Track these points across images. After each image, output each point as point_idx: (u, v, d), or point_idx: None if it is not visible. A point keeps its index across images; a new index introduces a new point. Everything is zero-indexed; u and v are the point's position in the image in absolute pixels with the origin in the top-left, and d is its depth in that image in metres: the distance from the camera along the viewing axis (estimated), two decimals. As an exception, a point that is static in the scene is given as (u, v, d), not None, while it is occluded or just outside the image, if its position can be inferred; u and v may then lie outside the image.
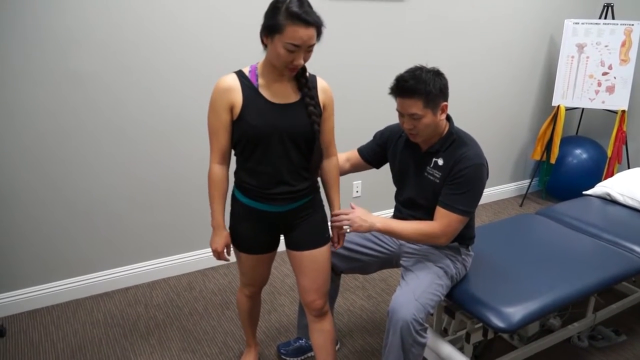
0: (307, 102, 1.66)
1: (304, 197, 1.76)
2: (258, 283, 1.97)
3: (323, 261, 1.82)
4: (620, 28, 3.70)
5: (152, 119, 2.62)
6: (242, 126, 1.63)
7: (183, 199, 2.85)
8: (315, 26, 1.51)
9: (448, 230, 1.79)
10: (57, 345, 2.33)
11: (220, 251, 1.78)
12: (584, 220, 2.56)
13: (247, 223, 1.79)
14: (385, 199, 3.54)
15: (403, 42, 3.27)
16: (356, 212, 1.78)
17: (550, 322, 2.35)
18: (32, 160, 2.39)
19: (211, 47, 2.66)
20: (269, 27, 1.52)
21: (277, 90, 1.65)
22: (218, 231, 1.78)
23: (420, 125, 1.75)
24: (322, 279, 1.83)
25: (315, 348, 1.92)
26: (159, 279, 2.91)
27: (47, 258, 2.57)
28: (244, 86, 1.63)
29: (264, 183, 1.69)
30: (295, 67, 1.57)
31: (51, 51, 2.29)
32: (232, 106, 1.62)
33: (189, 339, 2.39)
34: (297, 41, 1.49)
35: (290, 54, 1.52)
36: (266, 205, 1.73)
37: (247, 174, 1.70)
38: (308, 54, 1.56)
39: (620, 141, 3.82)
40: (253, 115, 1.61)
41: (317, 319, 1.88)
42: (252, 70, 1.66)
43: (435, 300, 1.79)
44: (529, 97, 4.14)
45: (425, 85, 1.70)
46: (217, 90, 1.63)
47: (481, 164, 1.79)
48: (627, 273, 2.13)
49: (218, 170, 1.72)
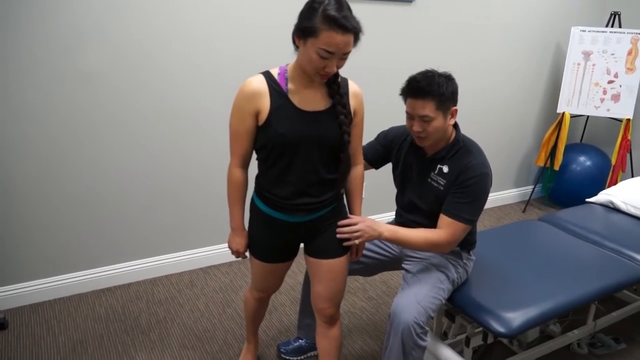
0: (339, 111, 1.57)
1: (327, 207, 1.71)
2: (269, 290, 1.95)
3: (340, 271, 1.78)
4: (627, 37, 3.70)
5: (158, 118, 2.63)
6: (269, 133, 1.54)
7: (186, 197, 2.86)
8: (353, 32, 1.41)
9: (453, 239, 1.79)
10: (59, 339, 2.34)
11: (242, 251, 1.77)
12: (586, 228, 2.56)
13: (266, 231, 1.74)
14: (386, 202, 3.55)
15: (409, 48, 3.27)
16: (365, 222, 1.73)
17: (550, 328, 2.35)
18: (38, 156, 2.41)
19: (221, 48, 2.67)
20: (303, 30, 1.42)
21: (308, 97, 1.56)
22: (238, 232, 1.75)
23: (430, 128, 1.74)
24: (338, 288, 1.79)
25: (320, 352, 1.92)
26: (161, 275, 2.92)
27: (50, 252, 2.58)
28: (272, 90, 1.53)
29: (287, 193, 1.62)
30: (327, 75, 1.48)
31: (59, 50, 2.30)
32: (259, 112, 1.53)
33: (189, 336, 2.40)
34: (331, 48, 1.40)
35: (323, 61, 1.42)
36: (287, 216, 1.67)
37: (269, 182, 1.64)
38: (342, 61, 1.47)
39: (625, 149, 3.82)
40: (281, 123, 1.53)
41: (327, 325, 1.86)
42: (281, 72, 1.56)
43: (436, 303, 1.80)
44: (534, 104, 4.14)
45: (438, 87, 1.69)
46: (243, 94, 1.54)
47: (487, 173, 1.79)
48: (628, 281, 2.14)
49: (238, 173, 1.67)
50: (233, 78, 2.76)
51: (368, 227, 1.72)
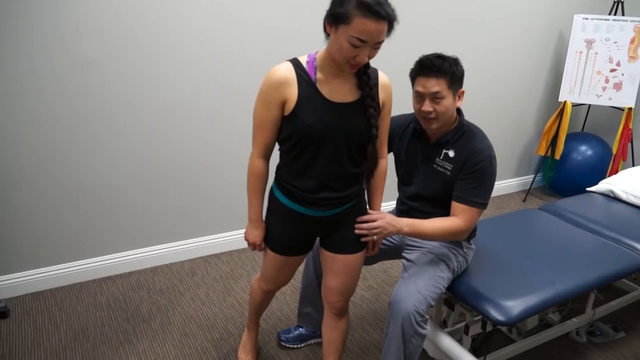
0: (368, 104, 1.52)
1: (350, 202, 1.67)
2: (279, 283, 1.91)
3: (356, 266, 1.76)
4: (630, 25, 3.67)
5: (163, 106, 2.62)
6: (295, 124, 1.49)
7: (188, 186, 2.86)
8: (387, 20, 1.35)
9: (470, 225, 1.80)
10: (60, 327, 2.36)
11: (259, 244, 1.74)
12: (586, 217, 2.56)
13: (284, 224, 1.70)
14: (389, 192, 3.54)
15: (411, 37, 3.25)
16: (385, 218, 1.71)
17: (549, 316, 2.36)
18: (43, 140, 2.40)
19: (233, 31, 2.66)
20: (335, 16, 1.36)
21: (337, 87, 1.50)
22: (256, 224, 1.71)
23: (440, 107, 1.73)
24: (350, 283, 1.78)
25: (325, 341, 1.92)
26: (162, 264, 2.93)
27: (51, 241, 2.59)
28: (301, 79, 1.48)
29: (309, 187, 1.58)
30: (357, 65, 1.42)
31: (64, 35, 2.29)
32: (286, 101, 1.48)
33: (190, 324, 2.42)
34: (364, 36, 1.34)
35: (354, 49, 1.36)
36: (308, 210, 1.63)
37: (291, 174, 1.60)
38: (374, 50, 1.41)
39: (626, 139, 3.81)
40: (308, 114, 1.47)
41: (335, 317, 1.86)
42: (310, 61, 1.51)
43: (436, 292, 1.80)
44: (535, 92, 4.12)
45: (450, 66, 1.71)
46: (270, 82, 1.48)
47: (492, 155, 1.80)
48: (628, 270, 2.14)
49: (259, 164, 1.62)
50: (244, 61, 2.75)
51: (387, 223, 1.70)
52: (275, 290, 1.97)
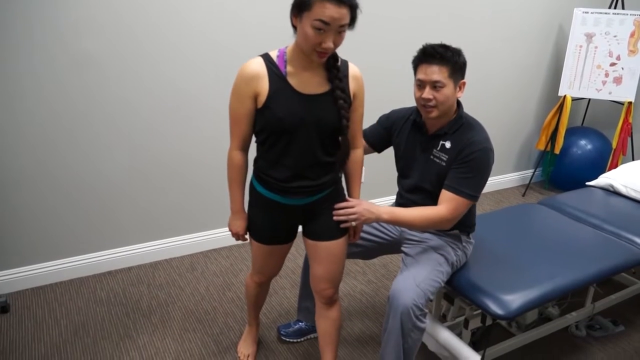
0: (338, 95, 1.56)
1: (325, 190, 1.71)
2: (268, 273, 1.95)
3: (339, 253, 1.79)
4: (630, 18, 3.66)
5: (161, 101, 2.62)
6: (267, 116, 1.54)
7: (187, 181, 2.86)
8: (347, 5, 1.40)
9: (455, 214, 1.79)
10: (61, 322, 2.36)
11: (242, 234, 1.79)
12: (586, 211, 2.56)
13: (265, 214, 1.74)
14: (387, 186, 3.55)
15: (409, 31, 3.24)
16: (362, 204, 1.73)
17: (548, 310, 2.37)
18: (42, 136, 2.40)
19: (233, 30, 2.65)
20: (298, 5, 1.42)
21: (307, 80, 1.54)
22: (238, 214, 1.77)
23: (441, 96, 1.74)
24: (336, 269, 1.81)
25: (319, 333, 1.94)
26: (162, 259, 2.93)
27: (51, 236, 2.59)
28: (271, 73, 1.52)
29: (284, 176, 1.62)
30: (324, 51, 1.44)
31: (64, 34, 2.28)
32: (257, 94, 1.53)
33: (190, 319, 2.42)
34: (326, 18, 1.37)
35: (319, 35, 1.40)
36: (285, 199, 1.68)
37: (267, 165, 1.64)
38: (339, 37, 1.44)
39: (626, 133, 3.81)
40: (279, 106, 1.52)
41: (326, 306, 1.87)
42: (280, 55, 1.55)
43: (435, 286, 1.81)
44: (535, 87, 4.11)
45: (452, 55, 1.72)
46: (242, 77, 1.53)
47: (489, 148, 1.79)
48: (627, 264, 2.14)
49: (238, 156, 1.68)
50: (241, 56, 2.75)
51: (365, 209, 1.72)
52: (267, 281, 2.01)
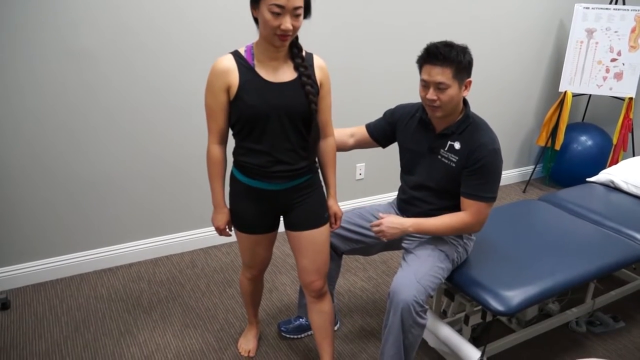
0: (304, 82, 1.64)
1: (303, 176, 1.76)
2: (258, 265, 1.97)
3: (322, 242, 1.82)
4: (631, 14, 3.64)
5: (161, 97, 2.61)
6: (240, 106, 1.62)
7: (188, 178, 2.85)
8: None
9: (479, 218, 1.81)
10: (61, 319, 2.37)
11: (222, 228, 1.82)
12: (586, 207, 2.56)
13: (247, 202, 1.78)
14: (388, 182, 3.55)
15: (407, 28, 3.23)
16: (384, 222, 1.79)
17: (548, 306, 2.37)
18: (42, 132, 2.40)
19: (227, 24, 2.64)
20: None
21: (274, 69, 1.63)
22: (219, 209, 1.80)
23: (445, 97, 1.73)
24: (321, 259, 1.84)
25: (314, 328, 1.95)
26: (162, 256, 2.94)
27: (52, 232, 2.59)
28: (241, 66, 1.61)
29: (263, 161, 1.68)
30: (285, 34, 1.52)
31: (61, 28, 2.27)
32: (229, 87, 1.61)
33: (190, 315, 2.43)
34: (280, 1, 1.45)
35: (276, 18, 1.48)
36: (265, 184, 1.72)
37: (245, 153, 1.70)
38: (296, 20, 1.51)
39: (626, 129, 3.80)
40: (250, 95, 1.60)
41: (316, 300, 1.89)
42: (247, 49, 1.65)
43: (436, 282, 1.81)
44: (536, 82, 4.10)
45: (457, 55, 1.71)
46: (214, 72, 1.62)
47: (497, 149, 1.81)
48: (627, 260, 2.14)
49: (216, 150, 1.73)
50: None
51: (388, 227, 1.79)
52: (259, 275, 2.02)
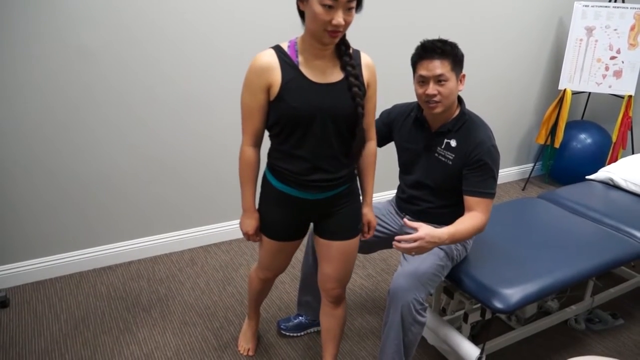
0: (352, 82, 1.52)
1: (341, 186, 1.67)
2: (275, 270, 1.92)
3: (351, 252, 1.77)
4: (630, 12, 3.64)
5: (160, 94, 2.61)
6: (281, 107, 1.51)
7: (188, 175, 2.85)
8: None
9: (488, 215, 1.81)
10: (61, 317, 2.37)
11: (252, 234, 1.74)
12: (585, 205, 2.56)
13: (278, 208, 1.70)
14: (388, 180, 3.54)
15: (404, 25, 3.23)
16: (426, 237, 1.61)
17: (548, 304, 2.37)
18: (40, 132, 2.39)
19: (227, 24, 2.64)
20: None
21: (319, 69, 1.52)
22: (249, 214, 1.72)
23: (445, 90, 1.73)
24: (347, 269, 1.79)
25: (323, 328, 1.93)
26: (162, 254, 2.93)
27: (51, 231, 2.59)
28: (283, 63, 1.50)
29: (301, 169, 1.58)
30: (336, 30, 1.40)
31: (60, 27, 2.27)
32: (270, 86, 1.50)
33: (190, 313, 2.43)
34: None
35: (328, 12, 1.37)
36: (301, 193, 1.63)
37: (282, 157, 1.60)
38: (348, 15, 1.40)
39: (626, 126, 3.80)
40: (293, 96, 1.49)
41: (333, 305, 1.86)
42: (291, 45, 1.53)
43: (435, 280, 1.81)
44: (535, 80, 4.10)
45: (451, 48, 1.73)
46: (254, 69, 1.50)
47: (494, 145, 1.80)
48: (627, 257, 2.15)
49: (251, 152, 1.63)
50: (235, 52, 2.73)
51: (427, 242, 1.62)
52: (273, 278, 1.98)
